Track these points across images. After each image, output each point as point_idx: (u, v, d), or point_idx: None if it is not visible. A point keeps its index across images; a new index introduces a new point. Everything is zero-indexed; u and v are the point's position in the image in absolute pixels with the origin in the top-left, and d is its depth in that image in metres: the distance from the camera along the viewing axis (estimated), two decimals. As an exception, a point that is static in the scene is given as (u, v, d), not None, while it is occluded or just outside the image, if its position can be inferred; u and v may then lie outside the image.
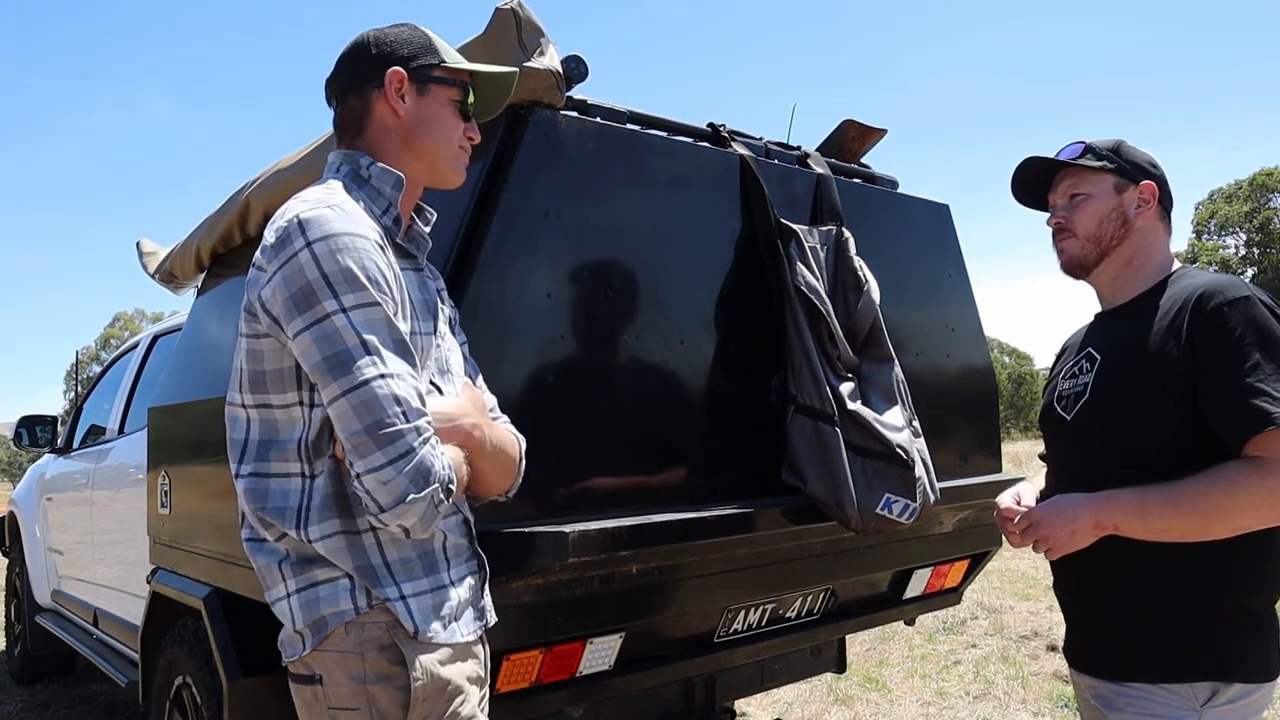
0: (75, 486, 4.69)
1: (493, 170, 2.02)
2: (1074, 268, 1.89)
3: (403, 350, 1.39)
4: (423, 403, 1.39)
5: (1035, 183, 1.95)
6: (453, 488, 1.41)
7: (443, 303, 1.66)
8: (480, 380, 1.69)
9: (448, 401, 1.52)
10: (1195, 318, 1.65)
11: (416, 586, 1.44)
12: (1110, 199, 1.84)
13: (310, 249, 1.36)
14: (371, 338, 1.35)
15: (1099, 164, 1.84)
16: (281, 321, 1.38)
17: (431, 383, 1.53)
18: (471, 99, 1.62)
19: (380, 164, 1.55)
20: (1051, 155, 1.92)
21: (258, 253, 1.44)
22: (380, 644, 1.41)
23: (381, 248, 1.44)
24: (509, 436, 1.60)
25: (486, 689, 1.58)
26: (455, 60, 1.61)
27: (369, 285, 1.37)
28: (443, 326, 1.62)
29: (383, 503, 1.33)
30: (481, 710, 1.54)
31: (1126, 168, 1.84)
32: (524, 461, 1.62)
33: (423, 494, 1.34)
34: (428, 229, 1.66)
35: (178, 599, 2.88)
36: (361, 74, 1.56)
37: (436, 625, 1.44)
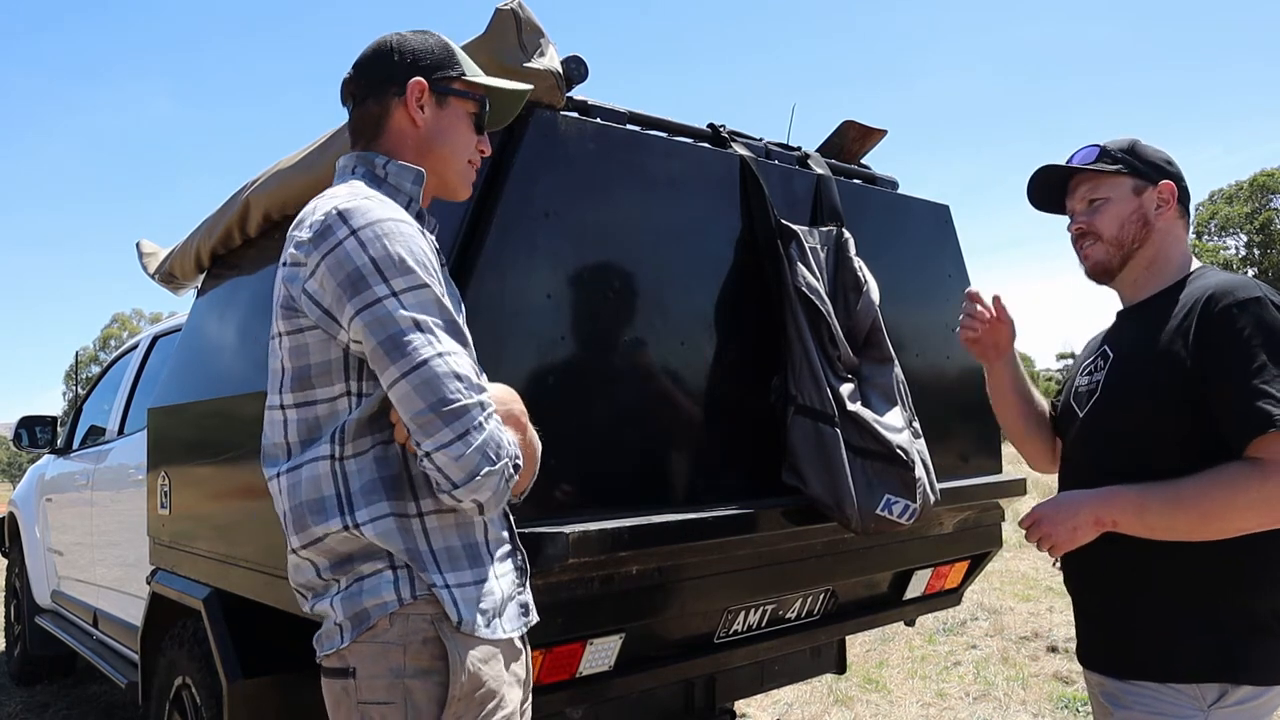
0: (75, 487, 4.69)
1: (493, 171, 2.02)
2: (1099, 273, 1.88)
3: (455, 331, 1.40)
4: (480, 379, 1.39)
5: (1052, 188, 1.94)
6: (520, 463, 1.41)
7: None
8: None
9: (499, 387, 1.52)
10: (1204, 318, 1.65)
11: (460, 578, 1.43)
12: (1129, 201, 1.82)
13: (355, 236, 1.36)
14: (425, 318, 1.36)
15: (1115, 167, 1.83)
16: (333, 310, 1.38)
17: None
18: (487, 112, 1.62)
19: (397, 161, 1.54)
20: (1064, 161, 1.90)
21: (291, 248, 1.43)
22: (424, 637, 1.39)
23: (422, 233, 1.44)
24: (536, 436, 1.60)
25: (529, 691, 1.56)
26: (475, 73, 1.61)
27: (417, 268, 1.37)
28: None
29: (455, 478, 1.33)
30: (523, 714, 1.52)
31: (1143, 168, 1.83)
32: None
33: (496, 466, 1.35)
34: (433, 235, 1.65)
35: (178, 600, 2.88)
36: (382, 79, 1.56)
37: (480, 619, 1.43)
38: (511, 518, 1.60)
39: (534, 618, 1.57)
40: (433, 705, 1.38)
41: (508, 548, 1.55)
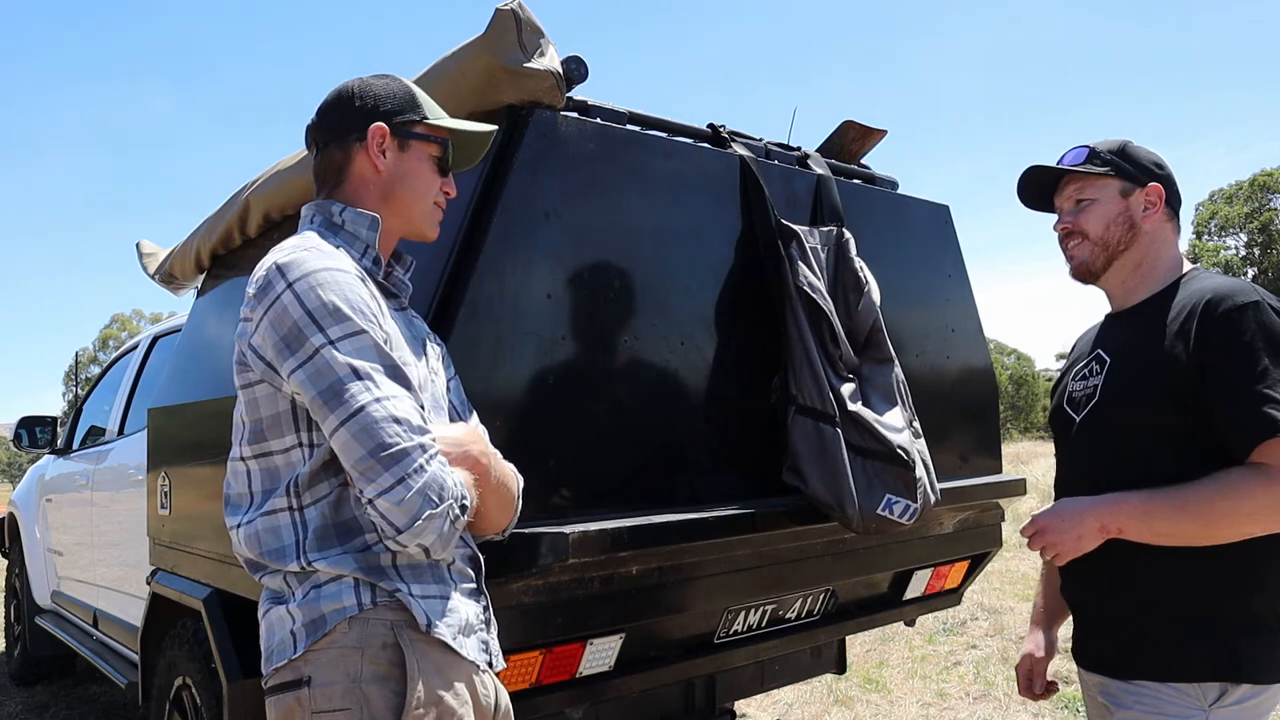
0: (75, 487, 4.69)
1: (493, 171, 2.02)
2: (1083, 273, 1.89)
3: (396, 375, 1.39)
4: (424, 421, 1.38)
5: (1042, 187, 1.95)
6: (467, 504, 1.40)
7: (430, 340, 1.66)
8: (474, 418, 1.67)
9: (456, 428, 1.52)
10: (1204, 322, 1.65)
11: (425, 590, 1.43)
12: (1116, 203, 1.83)
13: (291, 289, 1.38)
14: (361, 364, 1.36)
15: (1103, 169, 1.84)
16: (275, 364, 1.40)
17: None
18: (450, 154, 1.64)
19: (353, 209, 1.56)
20: (1055, 162, 1.91)
21: (243, 306, 1.45)
22: (384, 642, 1.38)
23: (363, 280, 1.46)
24: (510, 472, 1.58)
25: None
26: (437, 116, 1.63)
27: (353, 315, 1.38)
28: (434, 363, 1.62)
29: (398, 523, 1.32)
30: None
31: (1131, 170, 1.84)
32: (521, 501, 1.60)
33: (439, 510, 1.34)
34: (408, 274, 1.66)
35: (178, 600, 2.88)
36: (343, 125, 1.58)
37: (445, 629, 1.42)
38: (481, 562, 1.58)
39: (499, 664, 1.53)
40: (390, 714, 1.36)
41: (473, 586, 1.54)
